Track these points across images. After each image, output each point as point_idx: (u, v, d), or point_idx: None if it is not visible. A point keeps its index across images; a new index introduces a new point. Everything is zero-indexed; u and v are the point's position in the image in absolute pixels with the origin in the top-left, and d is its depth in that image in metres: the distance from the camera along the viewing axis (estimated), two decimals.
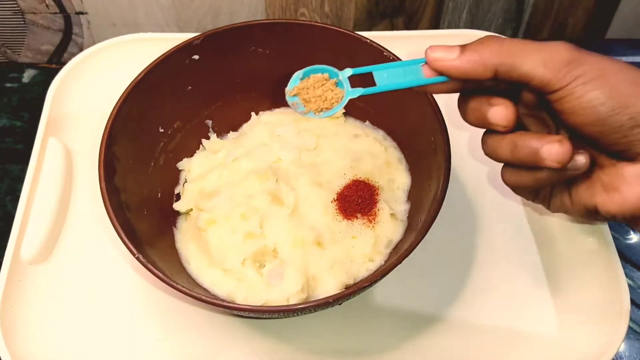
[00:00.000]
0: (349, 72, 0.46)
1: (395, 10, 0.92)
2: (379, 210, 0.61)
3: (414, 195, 0.63)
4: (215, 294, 0.57)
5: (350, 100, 0.47)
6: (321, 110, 0.47)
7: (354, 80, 0.46)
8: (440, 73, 0.44)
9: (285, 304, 0.55)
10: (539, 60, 0.41)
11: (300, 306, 0.49)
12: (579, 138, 0.43)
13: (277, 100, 0.69)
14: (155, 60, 0.60)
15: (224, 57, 0.65)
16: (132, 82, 0.59)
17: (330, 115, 0.47)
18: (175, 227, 0.63)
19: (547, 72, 0.41)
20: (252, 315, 0.56)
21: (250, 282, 0.57)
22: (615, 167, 0.44)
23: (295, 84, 0.48)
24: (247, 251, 0.58)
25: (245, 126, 0.70)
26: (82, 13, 0.88)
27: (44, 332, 0.58)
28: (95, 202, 0.64)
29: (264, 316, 0.58)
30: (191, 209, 0.62)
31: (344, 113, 0.69)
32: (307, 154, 0.65)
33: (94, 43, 0.78)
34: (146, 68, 0.60)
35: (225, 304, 0.50)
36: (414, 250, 0.51)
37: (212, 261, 0.59)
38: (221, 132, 0.69)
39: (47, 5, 0.86)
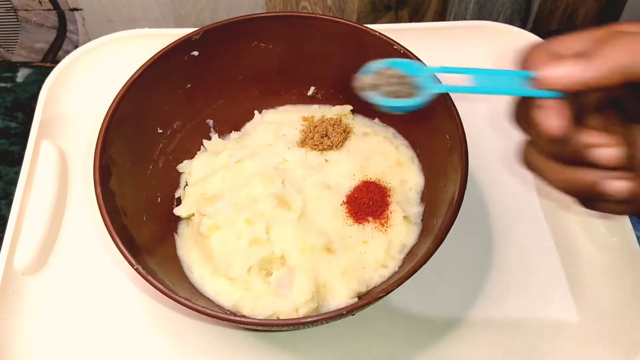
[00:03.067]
0: (433, 69, 0.42)
1: (400, 2, 0.90)
2: (391, 213, 0.58)
3: (428, 197, 0.60)
4: (219, 304, 0.55)
5: (357, 97, 0.43)
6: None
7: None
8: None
9: (295, 314, 0.53)
10: None
11: (312, 319, 0.46)
12: None
13: (282, 97, 0.67)
14: (152, 57, 0.57)
15: (225, 53, 0.62)
16: (128, 80, 0.56)
17: (405, 109, 0.41)
18: (176, 233, 0.60)
19: None
20: (260, 328, 0.53)
21: (257, 292, 0.55)
22: None
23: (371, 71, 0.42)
24: (253, 258, 0.55)
25: (248, 125, 0.67)
26: (76, 9, 0.86)
27: (38, 345, 0.56)
28: (91, 208, 0.62)
29: (273, 329, 0.55)
30: (193, 214, 0.60)
31: (351, 110, 0.66)
32: (314, 155, 0.62)
33: (89, 40, 0.76)
34: (143, 66, 0.57)
35: (230, 317, 0.48)
36: None
37: (216, 269, 0.56)
38: (223, 132, 0.67)
39: (40, 2, 0.84)
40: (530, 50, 0.38)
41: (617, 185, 0.37)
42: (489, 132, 0.68)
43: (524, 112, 0.38)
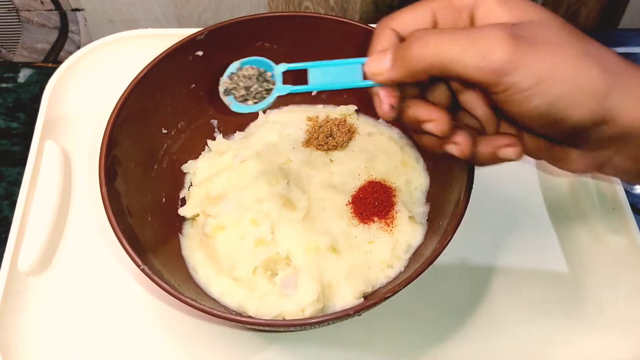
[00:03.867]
0: (283, 67, 0.45)
1: (403, 2, 0.90)
2: (396, 213, 0.58)
3: (433, 197, 0.60)
4: (224, 305, 0.55)
5: (362, 97, 0.44)
6: (245, 101, 0.46)
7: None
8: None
9: (300, 314, 0.52)
10: (470, 59, 0.36)
11: (318, 320, 0.46)
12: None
13: (286, 98, 0.66)
14: (157, 58, 0.57)
15: (229, 53, 0.61)
16: (133, 80, 0.56)
17: (250, 111, 0.46)
18: (181, 233, 0.60)
19: (481, 75, 0.36)
20: (266, 328, 0.53)
21: (262, 292, 0.55)
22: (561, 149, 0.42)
23: (230, 72, 0.46)
24: (258, 259, 0.55)
25: (252, 126, 0.67)
26: (78, 10, 0.86)
27: (42, 346, 0.55)
28: (95, 208, 0.62)
29: (279, 330, 0.55)
30: (197, 215, 0.60)
31: (356, 110, 0.66)
32: (318, 154, 0.62)
33: (91, 41, 0.76)
34: (148, 66, 0.57)
35: (236, 317, 0.47)
36: None
37: (220, 270, 0.56)
38: (227, 132, 0.67)
39: (42, 2, 0.84)
40: (376, 29, 0.42)
41: (450, 147, 0.42)
42: None
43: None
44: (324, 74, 0.43)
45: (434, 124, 0.41)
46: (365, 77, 0.42)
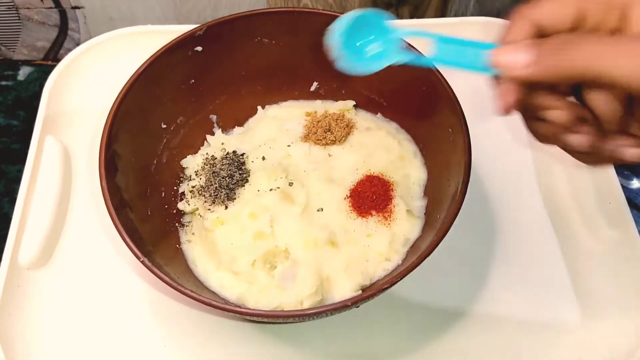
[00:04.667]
0: (402, 32, 0.42)
1: (402, 1, 0.90)
2: (394, 206, 0.58)
3: (430, 191, 0.60)
4: (224, 298, 0.55)
5: (359, 91, 0.43)
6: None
7: None
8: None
9: (299, 307, 0.53)
10: (633, 66, 0.33)
11: (316, 311, 0.46)
12: None
13: (285, 93, 0.67)
14: (156, 53, 0.58)
15: (228, 49, 0.62)
16: (132, 76, 0.56)
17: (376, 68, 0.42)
18: (180, 227, 0.60)
19: None
20: (265, 320, 0.53)
21: (261, 285, 0.55)
22: None
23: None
24: (257, 252, 0.55)
25: (251, 121, 0.67)
26: (78, 7, 0.86)
27: (43, 340, 0.56)
28: (95, 202, 0.62)
29: (278, 321, 0.55)
30: (197, 209, 0.60)
31: (354, 105, 0.66)
32: (317, 149, 0.62)
33: (91, 39, 0.76)
34: (147, 61, 0.57)
35: (236, 309, 0.48)
36: None
37: (220, 263, 0.56)
38: (226, 128, 0.67)
39: (41, 0, 0.84)
40: (512, 17, 0.39)
41: (573, 137, 0.39)
42: (492, 126, 0.68)
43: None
44: (448, 51, 0.40)
45: (560, 112, 0.39)
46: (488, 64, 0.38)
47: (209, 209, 0.58)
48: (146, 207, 0.57)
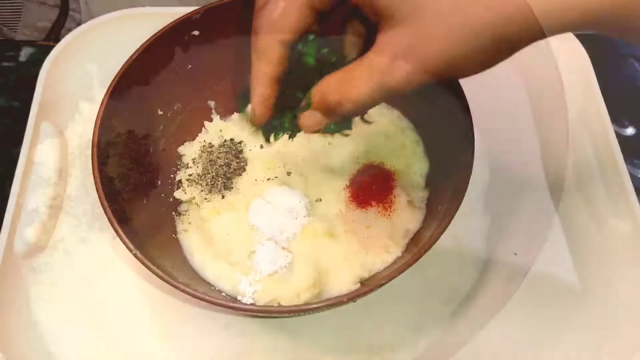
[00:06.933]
0: None
1: None
2: (395, 197, 0.57)
3: (433, 181, 0.59)
4: (220, 289, 0.54)
5: None
6: None
7: None
8: None
9: (296, 300, 0.52)
10: None
11: (312, 307, 0.45)
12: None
13: None
14: (151, 38, 0.56)
15: (226, 33, 0.60)
16: (126, 61, 0.55)
17: None
18: (177, 216, 0.59)
19: None
20: (259, 315, 0.53)
21: (257, 276, 0.54)
22: None
23: None
24: (254, 243, 0.54)
25: (250, 107, 0.65)
26: None
27: (37, 329, 0.55)
28: (92, 191, 0.61)
29: (273, 316, 0.54)
30: (194, 197, 0.59)
31: None
32: (316, 137, 0.61)
33: (92, 18, 0.74)
34: (141, 46, 0.55)
35: (230, 304, 0.47)
36: None
37: (216, 254, 0.55)
38: (225, 114, 0.65)
39: None
40: None
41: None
42: (496, 116, 0.66)
43: None
44: None
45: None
46: None
47: (206, 198, 0.57)
48: (141, 196, 0.56)
